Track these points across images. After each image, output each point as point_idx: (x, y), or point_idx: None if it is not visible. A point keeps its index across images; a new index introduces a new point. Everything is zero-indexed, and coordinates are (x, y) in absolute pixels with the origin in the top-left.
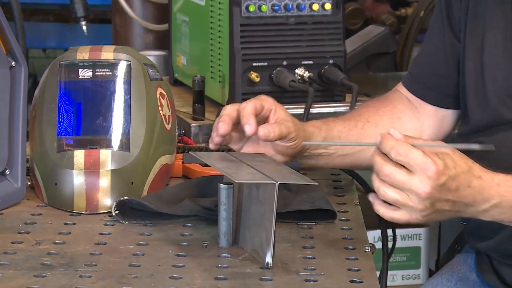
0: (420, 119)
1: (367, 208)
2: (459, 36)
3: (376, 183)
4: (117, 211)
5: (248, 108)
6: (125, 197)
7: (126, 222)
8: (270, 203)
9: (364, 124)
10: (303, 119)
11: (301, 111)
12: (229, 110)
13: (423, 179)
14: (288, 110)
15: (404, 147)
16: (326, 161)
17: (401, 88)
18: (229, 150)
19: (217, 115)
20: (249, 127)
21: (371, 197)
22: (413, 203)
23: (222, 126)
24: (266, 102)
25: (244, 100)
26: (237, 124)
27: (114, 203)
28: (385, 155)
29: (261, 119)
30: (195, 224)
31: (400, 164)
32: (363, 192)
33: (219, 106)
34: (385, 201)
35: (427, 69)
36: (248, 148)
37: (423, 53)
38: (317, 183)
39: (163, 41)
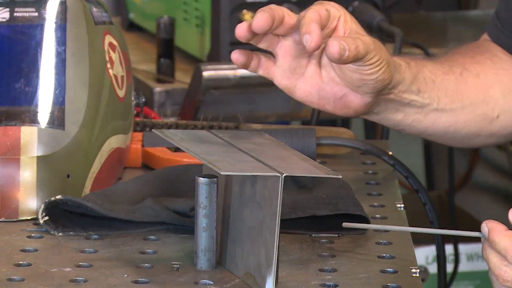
0: None
1: (416, 213)
2: None
3: None
4: (47, 217)
5: (310, 14)
6: (58, 197)
7: (60, 234)
8: (272, 205)
9: (462, 70)
10: None
11: None
12: (278, 11)
13: None
14: None
15: None
16: (417, 117)
17: (485, 38)
18: (211, 127)
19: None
20: (309, 38)
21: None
22: None
23: (260, 16)
24: (332, 7)
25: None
26: (289, 32)
27: (42, 206)
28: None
29: (325, 35)
30: (161, 237)
31: None
32: (410, 190)
33: (196, 63)
34: None
35: None
36: (301, 82)
37: None
38: (341, 176)
39: None
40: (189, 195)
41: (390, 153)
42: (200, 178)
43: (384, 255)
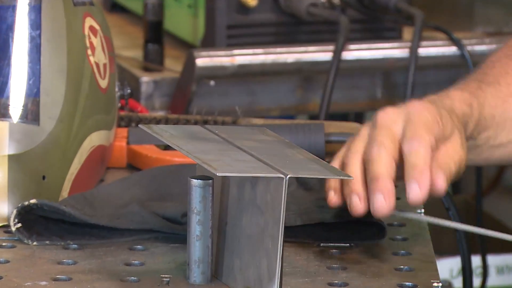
0: None
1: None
2: None
3: None
4: (19, 224)
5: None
6: (32, 201)
7: (35, 243)
8: (275, 211)
9: None
10: (330, 71)
11: (327, 57)
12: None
13: None
14: (307, 55)
15: None
16: (472, 157)
17: None
18: (206, 122)
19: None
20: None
21: None
22: None
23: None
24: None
25: (230, 39)
26: None
27: (14, 211)
28: None
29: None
30: (149, 246)
31: None
32: None
33: (188, 48)
34: None
35: None
36: None
37: None
38: (353, 177)
39: None
40: (180, 199)
41: None
42: (193, 179)
43: (401, 267)
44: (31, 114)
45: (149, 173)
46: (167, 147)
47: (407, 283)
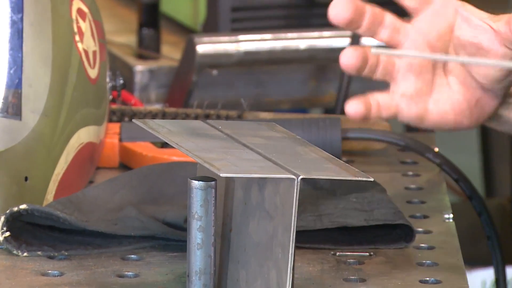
0: None
1: (470, 226)
2: None
3: None
4: (8, 233)
5: None
6: (22, 206)
7: (25, 254)
8: (285, 216)
9: None
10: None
11: (344, 42)
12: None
13: None
14: (322, 41)
15: None
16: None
17: None
18: (208, 116)
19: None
20: None
21: None
22: None
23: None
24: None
25: (235, 23)
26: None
27: (2, 218)
28: None
29: None
30: (144, 255)
31: None
32: (462, 197)
33: (188, 34)
34: None
35: None
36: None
37: None
38: (373, 179)
39: None
40: (176, 201)
41: (437, 149)
42: (194, 181)
43: (427, 279)
44: (12, 107)
45: (139, 173)
46: (164, 145)
47: None
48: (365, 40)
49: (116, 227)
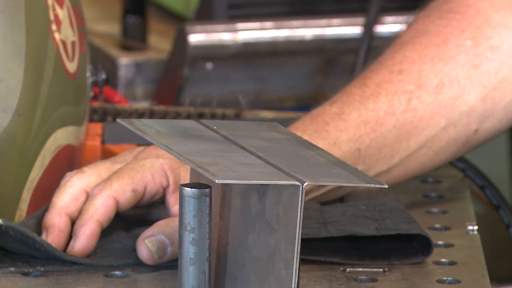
0: None
1: (496, 239)
2: None
3: None
4: None
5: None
6: None
7: None
8: (289, 227)
9: (411, 97)
10: (359, 50)
11: (355, 32)
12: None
13: None
14: (330, 30)
15: None
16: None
17: None
18: (201, 115)
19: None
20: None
21: None
22: None
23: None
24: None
25: (232, 10)
26: None
27: None
28: None
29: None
30: (130, 272)
31: None
32: (489, 206)
33: (179, 22)
34: None
35: None
36: None
37: None
38: (387, 185)
39: None
40: (168, 214)
41: None
42: (186, 188)
43: None
44: None
45: None
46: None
47: None
48: (377, 29)
49: (95, 257)
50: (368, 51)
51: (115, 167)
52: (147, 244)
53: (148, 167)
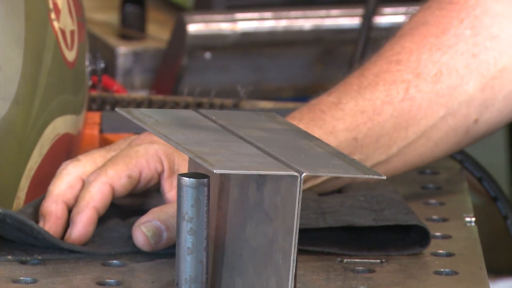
0: None
1: (494, 230)
2: None
3: None
4: None
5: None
6: None
7: None
8: (287, 218)
9: (409, 86)
10: (358, 41)
11: (354, 22)
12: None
13: None
14: (329, 20)
15: None
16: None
17: None
18: (200, 105)
19: None
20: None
21: None
22: None
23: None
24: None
25: (232, 1)
26: None
27: None
28: None
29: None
30: (127, 261)
31: None
32: (486, 198)
33: (178, 11)
34: None
35: None
36: None
37: None
38: (385, 176)
39: None
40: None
41: None
42: (184, 178)
43: None
44: None
45: None
46: None
47: None
48: (376, 20)
49: (101, 247)
50: (367, 42)
51: (110, 155)
52: (142, 230)
53: (143, 153)
